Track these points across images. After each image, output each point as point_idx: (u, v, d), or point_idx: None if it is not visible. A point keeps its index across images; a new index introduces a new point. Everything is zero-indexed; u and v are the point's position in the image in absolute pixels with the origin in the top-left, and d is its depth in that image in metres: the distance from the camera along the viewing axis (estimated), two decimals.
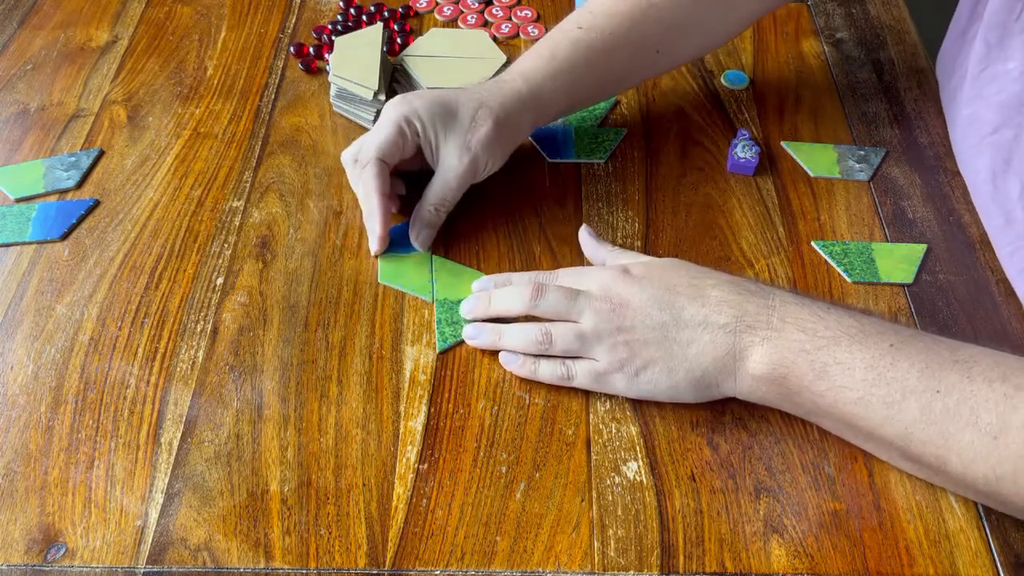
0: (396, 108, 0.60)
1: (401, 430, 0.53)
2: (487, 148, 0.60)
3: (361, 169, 0.60)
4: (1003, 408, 0.44)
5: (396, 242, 0.62)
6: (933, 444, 0.46)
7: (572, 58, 0.63)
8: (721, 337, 0.50)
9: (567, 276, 0.56)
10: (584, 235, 0.61)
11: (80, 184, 0.67)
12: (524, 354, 0.54)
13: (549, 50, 0.63)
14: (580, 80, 0.64)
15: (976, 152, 0.64)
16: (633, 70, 0.68)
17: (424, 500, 0.50)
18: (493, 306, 0.56)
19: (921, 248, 0.62)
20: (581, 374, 0.53)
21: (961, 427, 0.45)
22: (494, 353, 0.56)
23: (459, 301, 0.59)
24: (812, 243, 0.63)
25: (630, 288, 0.52)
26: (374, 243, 0.61)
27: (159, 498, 0.50)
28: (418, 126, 0.60)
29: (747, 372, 0.50)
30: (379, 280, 0.60)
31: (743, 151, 0.67)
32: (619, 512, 0.49)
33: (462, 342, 0.57)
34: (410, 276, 0.60)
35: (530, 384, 0.55)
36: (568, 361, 0.53)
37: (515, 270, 0.61)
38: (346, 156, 0.63)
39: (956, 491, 0.49)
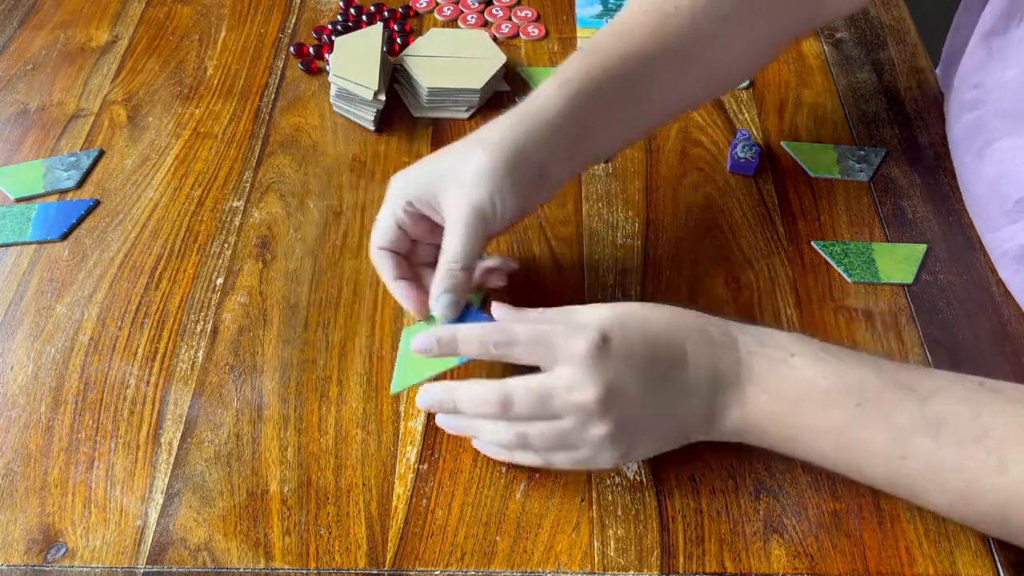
0: (391, 189, 0.53)
1: (401, 430, 0.53)
2: (484, 182, 0.50)
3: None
4: (973, 474, 0.43)
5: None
6: (903, 498, 0.47)
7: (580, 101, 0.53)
8: (702, 403, 0.47)
9: (529, 337, 0.47)
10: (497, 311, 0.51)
11: (80, 184, 0.67)
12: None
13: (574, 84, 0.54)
14: (587, 128, 0.54)
15: (977, 158, 0.64)
16: (661, 109, 0.60)
17: (424, 500, 0.50)
18: (460, 407, 0.49)
19: (921, 248, 0.62)
20: (562, 463, 0.48)
21: (928, 489, 0.45)
22: None
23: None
24: (812, 243, 0.63)
25: (616, 368, 0.45)
26: (414, 313, 0.54)
27: (159, 498, 0.50)
28: (413, 201, 0.52)
29: (722, 431, 0.48)
30: (392, 391, 0.54)
31: (743, 151, 0.67)
32: (619, 512, 0.49)
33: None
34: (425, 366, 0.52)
35: None
36: (545, 453, 0.48)
37: (514, 270, 0.61)
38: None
39: None
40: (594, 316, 0.47)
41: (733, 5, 0.57)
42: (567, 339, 0.46)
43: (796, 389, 0.46)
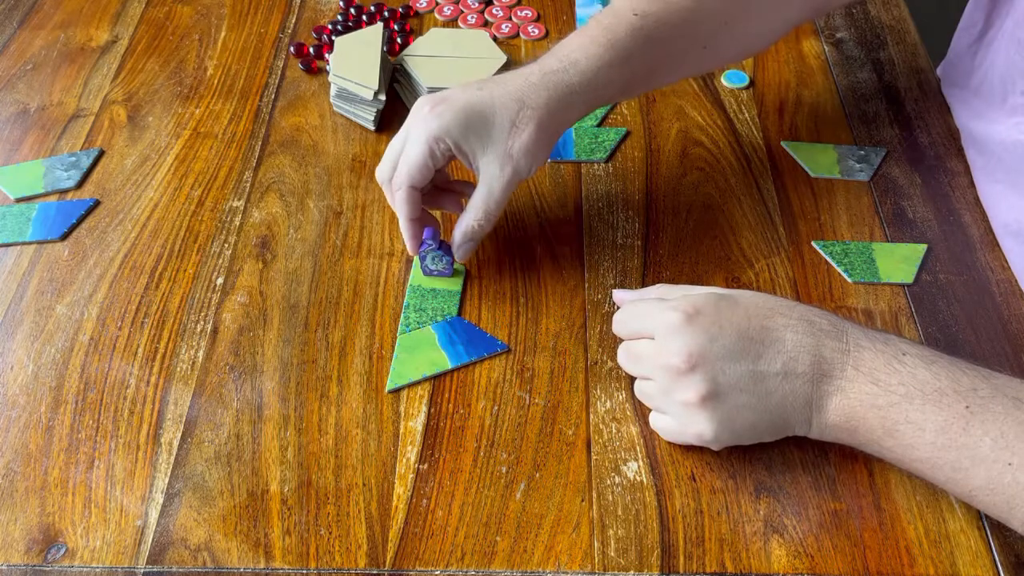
0: (425, 125, 0.55)
1: (401, 430, 0.53)
2: (529, 153, 0.56)
3: (393, 193, 0.58)
4: None
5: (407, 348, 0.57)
6: (996, 508, 0.45)
7: (630, 47, 0.58)
8: (800, 386, 0.47)
9: (630, 314, 0.52)
10: (619, 295, 0.56)
11: (80, 184, 0.67)
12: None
13: (606, 36, 0.58)
14: (635, 71, 0.59)
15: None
16: (679, 64, 0.64)
17: (424, 500, 0.50)
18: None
19: (921, 248, 0.62)
20: (666, 429, 0.51)
21: None
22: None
23: (432, 289, 0.59)
24: (812, 243, 0.63)
25: (700, 340, 0.48)
26: (410, 251, 0.60)
27: (159, 498, 0.50)
28: (449, 143, 0.55)
29: (821, 421, 0.48)
30: (387, 390, 0.55)
31: (433, 263, 0.60)
32: (619, 512, 0.49)
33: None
34: (419, 362, 0.56)
35: (530, 384, 0.55)
36: (657, 415, 0.52)
37: (514, 270, 0.61)
38: (379, 176, 0.59)
39: None
40: (695, 293, 0.51)
41: None
42: (662, 312, 0.50)
43: (905, 383, 0.46)
